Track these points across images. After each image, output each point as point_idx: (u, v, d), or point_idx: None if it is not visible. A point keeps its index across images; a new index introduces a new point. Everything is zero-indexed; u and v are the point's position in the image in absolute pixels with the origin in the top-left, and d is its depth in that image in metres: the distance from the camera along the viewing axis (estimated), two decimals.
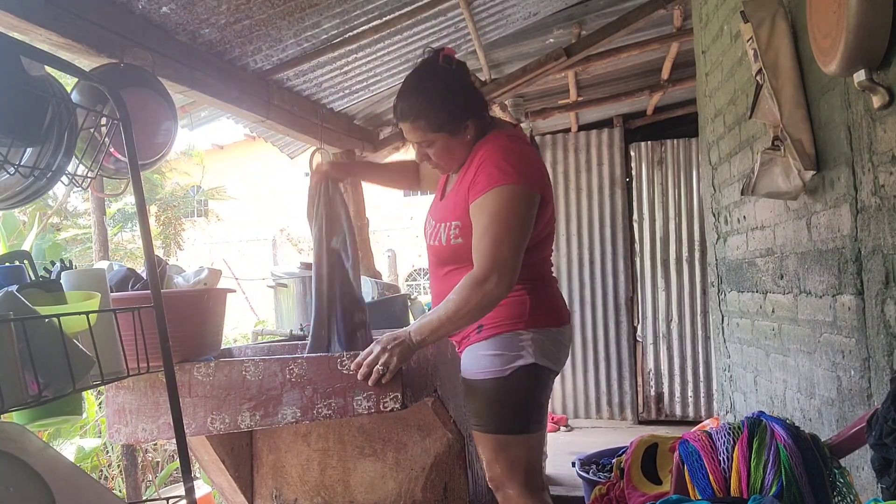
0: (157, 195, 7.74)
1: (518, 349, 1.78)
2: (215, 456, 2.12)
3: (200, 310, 1.92)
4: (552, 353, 1.83)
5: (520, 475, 1.82)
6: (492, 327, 1.80)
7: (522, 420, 1.81)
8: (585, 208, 5.42)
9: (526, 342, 1.79)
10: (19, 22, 1.83)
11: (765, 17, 1.99)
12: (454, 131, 1.80)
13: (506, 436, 1.81)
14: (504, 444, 1.81)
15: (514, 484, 1.82)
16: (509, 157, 1.76)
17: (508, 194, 1.71)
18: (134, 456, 3.26)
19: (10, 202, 1.40)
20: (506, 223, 1.69)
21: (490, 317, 1.79)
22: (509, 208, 1.71)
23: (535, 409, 1.84)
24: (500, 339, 1.79)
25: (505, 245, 1.68)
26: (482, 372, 1.81)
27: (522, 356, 1.78)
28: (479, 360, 1.82)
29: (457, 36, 3.45)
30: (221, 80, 2.74)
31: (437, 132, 1.80)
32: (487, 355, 1.80)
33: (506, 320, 1.80)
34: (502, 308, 1.78)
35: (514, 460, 1.81)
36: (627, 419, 5.34)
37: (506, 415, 1.80)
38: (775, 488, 1.35)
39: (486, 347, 1.81)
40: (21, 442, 1.16)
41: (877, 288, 1.60)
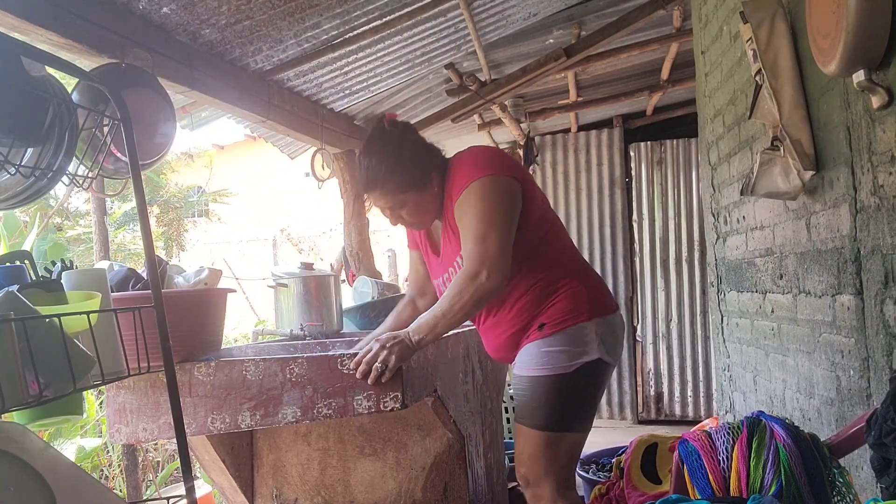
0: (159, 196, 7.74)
1: (583, 344, 1.77)
2: (216, 455, 2.13)
3: (201, 310, 1.93)
4: (612, 346, 1.83)
5: (556, 473, 1.80)
6: (555, 323, 1.79)
7: (576, 418, 1.80)
8: (585, 208, 5.42)
9: (591, 336, 1.78)
10: (20, 22, 1.83)
11: (764, 17, 2.00)
12: (421, 187, 1.84)
13: (556, 433, 1.79)
14: (552, 442, 1.80)
15: (549, 481, 1.80)
16: (477, 154, 1.83)
17: (484, 186, 1.73)
18: (134, 455, 3.26)
19: (11, 202, 1.40)
20: (487, 216, 1.71)
21: (550, 313, 1.79)
22: (488, 200, 1.72)
23: (591, 406, 1.84)
24: (565, 334, 1.78)
25: (490, 238, 1.69)
26: (545, 368, 1.78)
27: (587, 352, 1.77)
28: (542, 357, 1.79)
29: (457, 36, 3.45)
30: (222, 80, 2.74)
31: (406, 192, 1.84)
32: (552, 351, 1.78)
33: (569, 314, 1.79)
34: (562, 303, 1.79)
35: (555, 458, 1.80)
36: (627, 419, 5.34)
37: (561, 412, 1.79)
38: (775, 488, 1.36)
39: (549, 343, 1.79)
40: (22, 442, 1.16)
41: (876, 288, 1.60)
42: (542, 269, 1.82)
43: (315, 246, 10.59)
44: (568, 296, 1.80)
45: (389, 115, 1.92)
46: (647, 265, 5.30)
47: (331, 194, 4.81)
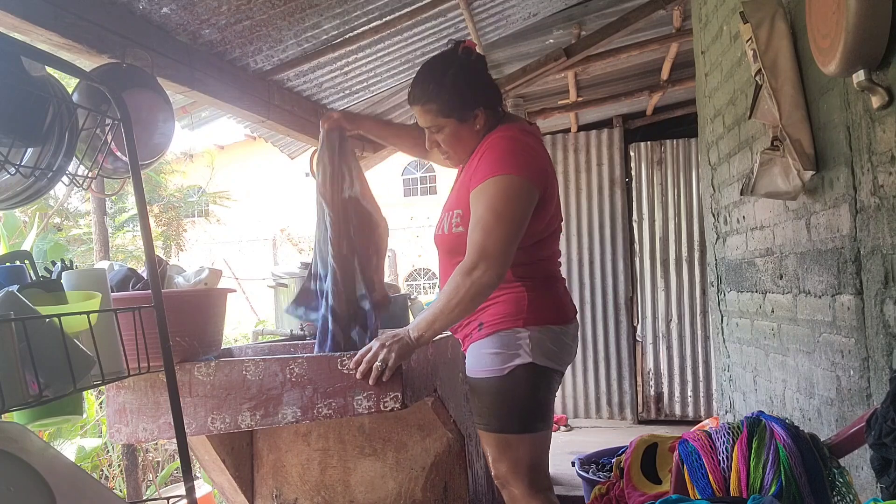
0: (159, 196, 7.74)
1: (516, 348, 1.77)
2: (216, 455, 2.13)
3: (201, 310, 1.93)
4: (553, 353, 1.81)
5: (524, 474, 1.81)
6: (491, 325, 1.80)
7: (524, 419, 1.80)
8: (585, 208, 5.42)
9: (523, 340, 1.77)
10: (20, 22, 1.83)
11: (764, 17, 2.00)
12: (463, 118, 1.82)
13: (508, 435, 1.81)
14: (507, 444, 1.81)
15: (518, 483, 1.82)
16: (513, 148, 1.77)
17: (506, 184, 1.71)
18: (134, 455, 3.26)
19: (11, 202, 1.40)
20: (499, 213, 1.70)
21: (490, 314, 1.80)
22: (505, 199, 1.71)
23: (536, 408, 1.82)
24: (499, 336, 1.79)
25: (495, 234, 1.68)
26: (483, 370, 1.81)
27: (520, 355, 1.77)
28: (480, 359, 1.82)
29: (457, 36, 3.45)
30: (222, 80, 2.74)
31: (446, 117, 1.82)
32: (487, 353, 1.80)
33: (505, 318, 1.79)
34: (501, 305, 1.79)
35: (517, 459, 1.81)
36: (627, 419, 5.34)
37: (507, 414, 1.80)
38: (775, 488, 1.36)
39: (486, 345, 1.81)
40: (22, 442, 1.16)
41: (876, 288, 1.60)
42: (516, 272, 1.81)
43: None
44: (509, 300, 1.79)
45: (468, 42, 1.88)
46: (647, 265, 5.30)
47: None
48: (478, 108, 1.83)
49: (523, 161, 1.75)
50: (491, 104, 1.87)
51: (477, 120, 1.84)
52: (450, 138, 1.86)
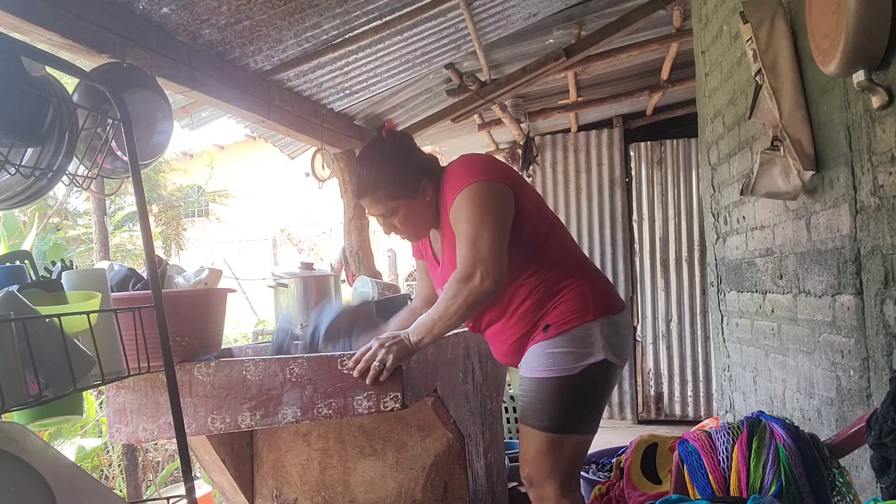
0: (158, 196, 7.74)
1: (588, 345, 1.76)
2: (216, 455, 2.13)
3: (201, 310, 1.93)
4: (618, 347, 1.80)
5: (560, 475, 1.79)
6: (560, 324, 1.77)
7: (580, 419, 1.79)
8: (585, 208, 5.42)
9: (596, 336, 1.76)
10: (20, 22, 1.83)
11: (764, 17, 2.00)
12: (412, 194, 1.84)
13: (560, 435, 1.78)
14: (556, 443, 1.78)
15: (553, 482, 1.79)
16: (467, 162, 1.83)
17: (474, 192, 1.73)
18: (134, 455, 3.26)
19: (11, 202, 1.40)
20: (479, 220, 1.71)
21: (556, 314, 1.78)
22: (479, 204, 1.72)
23: (596, 408, 1.83)
24: (570, 335, 1.76)
25: (483, 240, 1.69)
26: (551, 370, 1.77)
27: (593, 353, 1.75)
28: (548, 358, 1.77)
29: (457, 36, 3.45)
30: (222, 80, 2.74)
31: (396, 199, 1.83)
32: (558, 353, 1.76)
33: (574, 314, 1.77)
34: (566, 304, 1.78)
35: (559, 460, 1.78)
36: (627, 419, 5.34)
37: (565, 414, 1.77)
38: (775, 488, 1.36)
39: (556, 344, 1.77)
40: (22, 442, 1.16)
41: (876, 288, 1.60)
42: (545, 272, 1.81)
43: (315, 246, 10.60)
44: (572, 296, 1.78)
45: (389, 125, 1.93)
46: (647, 265, 5.30)
47: (331, 194, 4.81)
48: (422, 180, 1.84)
49: (480, 167, 1.79)
50: (431, 172, 1.88)
51: (426, 192, 1.85)
52: (406, 217, 1.87)
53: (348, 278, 4.12)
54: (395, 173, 1.83)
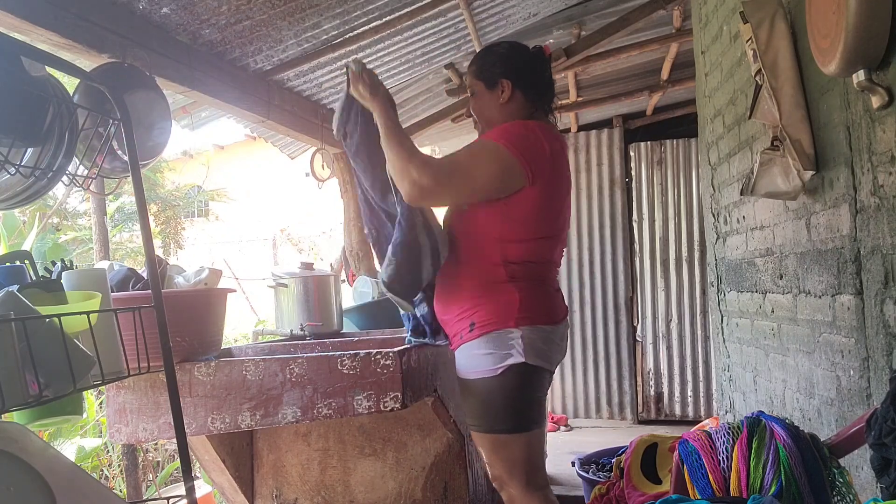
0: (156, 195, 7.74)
1: (508, 348, 1.78)
2: (216, 455, 2.13)
3: (201, 310, 1.93)
4: (543, 352, 1.81)
5: (520, 474, 1.82)
6: (482, 325, 1.80)
7: (517, 419, 1.81)
8: (585, 208, 5.42)
9: (515, 340, 1.78)
10: (20, 22, 1.84)
11: (764, 17, 2.00)
12: (489, 84, 1.91)
13: (502, 435, 1.81)
14: (501, 444, 1.81)
15: (515, 483, 1.82)
16: (509, 128, 1.83)
17: (486, 146, 1.80)
18: (134, 455, 3.26)
19: (11, 202, 1.41)
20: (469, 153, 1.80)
21: (481, 315, 1.80)
22: (476, 150, 1.81)
23: (529, 407, 1.83)
24: (491, 337, 1.79)
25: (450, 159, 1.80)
26: (474, 371, 1.81)
27: (512, 355, 1.77)
28: (472, 360, 1.82)
29: (457, 36, 3.45)
30: (222, 80, 2.74)
31: (477, 79, 1.94)
32: (479, 354, 1.80)
33: (496, 318, 1.79)
34: (493, 306, 1.80)
35: (513, 459, 1.81)
36: (627, 419, 5.34)
37: (500, 414, 1.80)
38: (775, 488, 1.36)
39: (477, 346, 1.81)
40: (22, 442, 1.16)
41: (876, 288, 1.60)
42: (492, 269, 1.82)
43: (315, 246, 10.59)
44: (499, 300, 1.80)
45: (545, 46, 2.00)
46: (647, 265, 5.30)
47: (331, 194, 4.81)
48: (504, 79, 1.89)
49: (512, 137, 1.78)
50: (524, 87, 1.91)
51: (503, 93, 1.89)
52: (476, 102, 1.96)
53: (348, 278, 4.12)
54: (488, 59, 1.94)
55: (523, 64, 1.93)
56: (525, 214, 1.81)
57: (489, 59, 1.93)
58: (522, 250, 1.82)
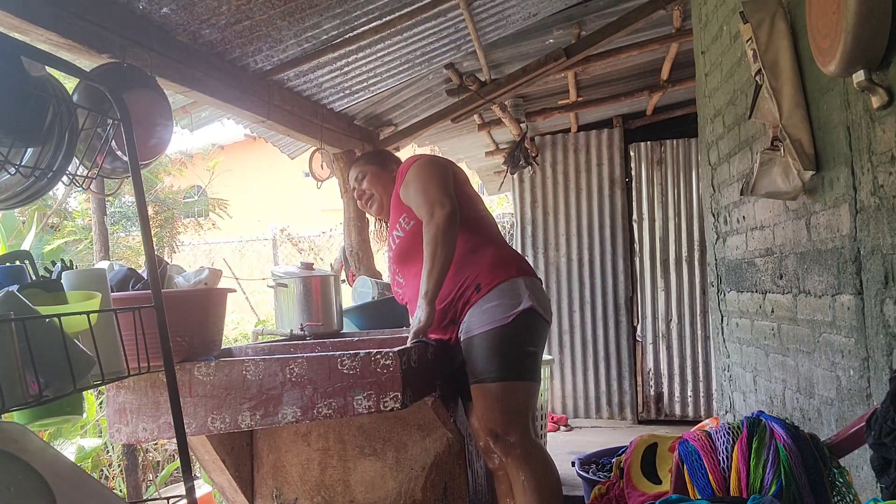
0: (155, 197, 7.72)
1: (517, 296, 1.96)
2: (216, 455, 2.13)
3: (201, 310, 1.93)
4: (541, 301, 2.04)
5: (520, 421, 1.94)
6: (489, 281, 1.99)
7: (524, 367, 1.96)
8: (585, 208, 5.42)
9: (521, 288, 1.98)
10: (20, 22, 1.83)
11: (764, 17, 2.00)
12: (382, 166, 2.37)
13: (509, 382, 1.93)
14: (508, 392, 1.93)
15: (516, 429, 1.93)
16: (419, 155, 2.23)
17: (419, 164, 2.14)
18: (134, 455, 3.26)
19: (11, 202, 1.40)
20: (425, 178, 2.07)
21: (483, 275, 2.00)
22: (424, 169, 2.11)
23: (534, 357, 1.99)
24: (501, 288, 1.98)
25: (432, 187, 2.03)
26: (487, 324, 1.95)
27: (522, 301, 1.95)
28: (484, 314, 1.96)
29: (457, 36, 3.45)
30: (222, 80, 2.74)
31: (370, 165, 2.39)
32: (491, 307, 1.96)
33: (498, 272, 1.99)
34: (490, 263, 2.02)
35: (518, 407, 1.94)
36: (627, 419, 5.34)
37: (510, 361, 1.94)
38: (774, 488, 1.36)
39: (489, 300, 1.97)
40: (22, 442, 1.16)
41: (876, 288, 1.60)
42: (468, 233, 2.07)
43: (315, 246, 10.59)
44: (495, 256, 2.05)
45: None
46: (647, 265, 5.30)
47: (331, 194, 4.81)
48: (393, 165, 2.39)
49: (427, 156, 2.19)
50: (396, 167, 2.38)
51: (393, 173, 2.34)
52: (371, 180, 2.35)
53: (348, 278, 4.12)
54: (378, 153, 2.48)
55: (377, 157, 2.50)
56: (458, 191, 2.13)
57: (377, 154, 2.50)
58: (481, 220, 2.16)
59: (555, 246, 5.48)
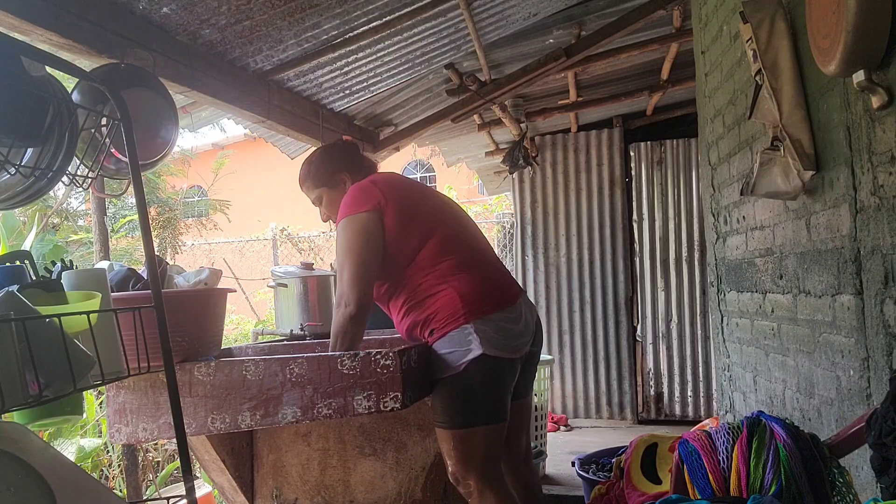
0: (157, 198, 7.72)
1: (466, 343, 1.90)
2: (216, 455, 2.13)
3: (201, 310, 1.93)
4: (500, 342, 1.93)
5: (477, 466, 1.91)
6: (440, 328, 1.94)
7: (479, 413, 1.91)
8: (585, 208, 5.42)
9: (471, 336, 1.90)
10: (20, 22, 1.83)
11: (764, 17, 2.00)
12: (331, 184, 2.20)
13: (465, 430, 1.90)
14: (464, 439, 1.91)
15: (472, 475, 1.91)
16: (350, 194, 2.06)
17: (342, 228, 2.02)
18: (134, 455, 3.26)
19: (11, 202, 1.40)
20: (342, 256, 1.99)
21: (436, 320, 1.94)
22: (343, 241, 2.00)
23: (490, 401, 1.93)
24: (449, 337, 1.92)
25: (344, 273, 1.97)
26: (442, 371, 1.92)
27: (471, 350, 1.89)
28: (438, 361, 1.93)
29: (457, 36, 3.45)
30: (222, 80, 2.74)
31: (318, 188, 2.21)
32: (443, 354, 1.92)
33: (449, 319, 1.93)
34: (442, 309, 1.94)
35: (472, 453, 1.91)
36: (627, 419, 5.34)
37: (460, 409, 1.91)
38: (774, 488, 1.36)
39: (440, 347, 1.93)
40: (22, 442, 1.16)
41: (876, 288, 1.60)
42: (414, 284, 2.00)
43: (315, 246, 10.59)
44: (444, 303, 1.95)
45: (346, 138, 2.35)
46: (647, 265, 5.30)
47: None
48: (342, 174, 2.19)
49: (355, 199, 2.02)
50: (355, 170, 2.20)
51: (345, 184, 2.17)
52: (328, 205, 2.21)
53: None
54: (318, 167, 2.21)
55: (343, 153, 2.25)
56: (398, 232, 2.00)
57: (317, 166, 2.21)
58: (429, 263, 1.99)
59: (555, 246, 5.48)
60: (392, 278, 2.03)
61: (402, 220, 2.01)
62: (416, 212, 2.05)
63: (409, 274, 2.01)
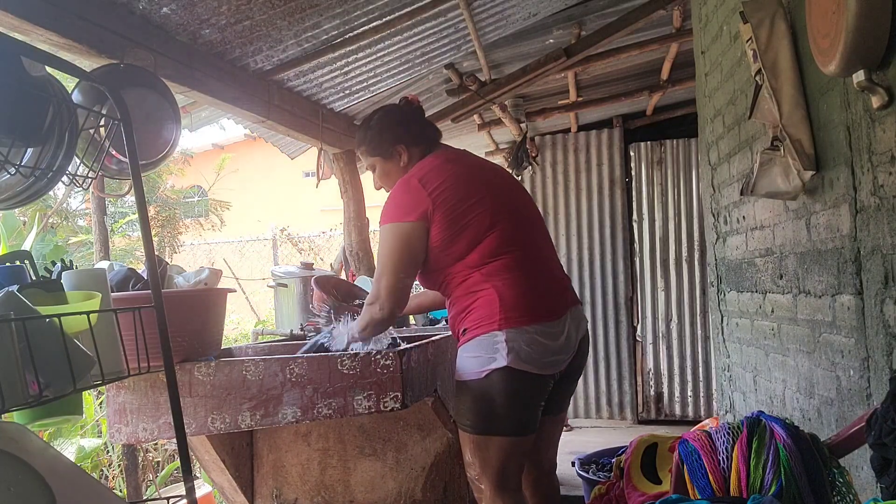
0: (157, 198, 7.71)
1: (493, 351, 1.83)
2: (216, 455, 2.13)
3: (201, 310, 1.93)
4: (530, 356, 1.82)
5: (491, 475, 1.87)
6: (472, 329, 1.88)
7: (498, 421, 1.85)
8: (585, 208, 5.42)
9: (500, 344, 1.82)
10: (20, 22, 1.83)
11: (764, 17, 2.00)
12: (386, 155, 2.07)
13: (482, 436, 1.86)
14: (480, 444, 1.87)
15: (486, 479, 1.88)
16: (398, 191, 1.97)
17: (386, 232, 1.94)
18: (134, 455, 3.26)
19: (11, 202, 1.40)
20: (383, 261, 1.93)
21: (470, 319, 1.88)
22: (387, 245, 1.93)
23: (508, 412, 1.85)
24: (478, 341, 1.86)
25: (383, 281, 1.91)
26: (465, 373, 1.88)
27: (496, 359, 1.82)
28: (463, 362, 1.89)
29: (457, 36, 3.45)
30: (222, 80, 2.74)
31: (373, 156, 2.10)
32: (468, 357, 1.87)
33: (482, 322, 1.85)
34: (478, 310, 1.87)
35: (486, 460, 1.87)
36: (627, 419, 5.34)
37: (481, 415, 1.86)
38: (774, 488, 1.36)
39: (467, 350, 1.88)
40: (22, 442, 1.16)
41: (876, 288, 1.60)
42: (466, 272, 1.92)
43: (315, 246, 10.59)
44: (482, 303, 1.88)
45: (412, 97, 2.17)
46: (647, 265, 5.30)
47: (331, 194, 4.81)
48: (397, 146, 2.05)
49: (401, 205, 1.93)
50: (411, 140, 2.07)
51: (401, 157, 2.05)
52: (381, 175, 2.11)
53: (348, 278, 4.12)
54: (375, 134, 2.08)
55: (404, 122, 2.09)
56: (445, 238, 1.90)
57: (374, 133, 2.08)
58: (476, 258, 1.91)
59: (555, 246, 5.48)
60: (441, 269, 1.97)
61: (450, 229, 1.90)
62: (468, 212, 1.91)
63: (457, 269, 1.93)
